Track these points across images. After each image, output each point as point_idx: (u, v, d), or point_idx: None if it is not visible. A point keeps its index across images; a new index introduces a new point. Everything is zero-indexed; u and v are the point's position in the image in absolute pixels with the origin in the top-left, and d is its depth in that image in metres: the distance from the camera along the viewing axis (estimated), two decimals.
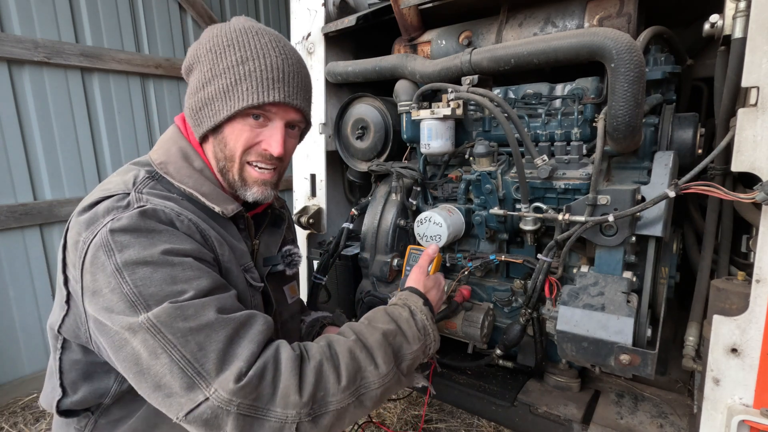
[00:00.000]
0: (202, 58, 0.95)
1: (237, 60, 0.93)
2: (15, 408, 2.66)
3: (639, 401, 1.48)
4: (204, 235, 0.91)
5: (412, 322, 1.01)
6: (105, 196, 0.88)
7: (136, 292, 0.78)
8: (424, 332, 1.01)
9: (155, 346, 0.76)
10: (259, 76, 0.93)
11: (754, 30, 1.00)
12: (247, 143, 0.97)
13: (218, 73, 0.93)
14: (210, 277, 0.84)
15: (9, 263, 2.70)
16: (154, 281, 0.78)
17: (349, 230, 1.77)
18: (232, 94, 0.93)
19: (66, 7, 2.82)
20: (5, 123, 2.60)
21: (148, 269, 0.79)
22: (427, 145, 1.51)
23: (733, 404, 1.07)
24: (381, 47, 1.89)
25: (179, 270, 0.80)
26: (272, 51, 0.95)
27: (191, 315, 0.77)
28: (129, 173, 0.95)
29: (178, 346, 0.76)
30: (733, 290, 1.10)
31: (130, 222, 0.81)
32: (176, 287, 0.79)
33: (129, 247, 0.79)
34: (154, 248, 0.80)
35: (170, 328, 0.76)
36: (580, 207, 1.23)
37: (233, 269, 0.95)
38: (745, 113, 1.01)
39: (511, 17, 1.55)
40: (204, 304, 0.79)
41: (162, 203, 0.87)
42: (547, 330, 1.36)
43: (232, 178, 1.01)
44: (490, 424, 2.34)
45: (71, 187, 2.92)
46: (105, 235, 0.80)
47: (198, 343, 0.77)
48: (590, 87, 1.36)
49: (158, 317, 0.76)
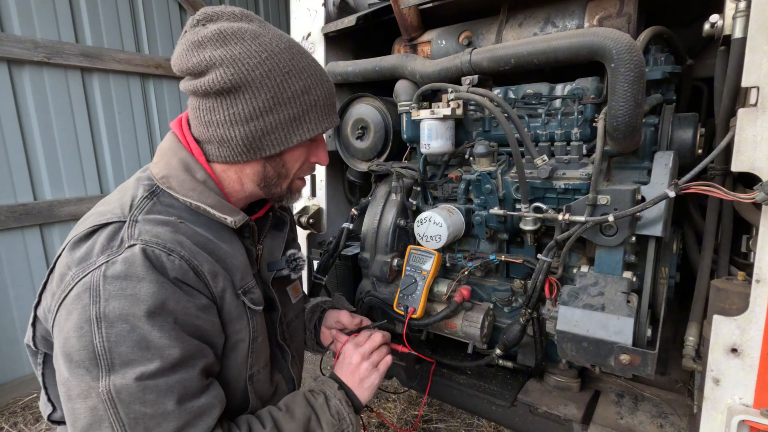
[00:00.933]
0: (257, 83, 0.89)
1: (302, 89, 0.94)
2: (15, 408, 2.66)
3: (639, 401, 1.48)
4: (197, 271, 0.89)
5: (326, 408, 1.04)
6: (100, 223, 0.87)
7: (107, 347, 0.77)
8: (338, 417, 1.04)
9: (103, 418, 0.77)
10: (323, 104, 0.98)
11: (754, 30, 1.00)
12: (303, 162, 1.04)
13: (284, 101, 0.92)
14: (181, 347, 0.83)
15: (9, 263, 2.70)
16: (127, 341, 0.78)
17: (349, 230, 1.77)
18: (300, 122, 0.95)
19: (66, 7, 2.82)
20: (5, 123, 2.60)
21: (126, 327, 0.78)
22: (427, 145, 1.51)
23: (733, 404, 1.07)
24: (381, 47, 1.89)
25: (156, 335, 0.79)
26: (323, 76, 0.99)
27: (150, 401, 0.78)
28: (128, 193, 0.94)
29: (126, 426, 0.77)
30: (733, 290, 1.10)
31: (123, 268, 0.80)
32: (147, 353, 0.78)
33: (115, 298, 0.78)
34: (138, 306, 0.79)
35: (126, 409, 0.77)
36: (580, 207, 1.23)
37: (227, 298, 0.95)
38: (745, 113, 1.01)
39: (511, 17, 1.56)
40: (168, 389, 0.80)
41: (155, 236, 0.85)
42: (547, 330, 1.36)
43: (279, 191, 1.06)
44: (490, 424, 2.34)
45: (71, 187, 2.92)
46: (97, 279, 0.79)
47: (146, 428, 0.78)
48: (590, 87, 1.36)
49: (119, 393, 0.76)
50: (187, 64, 0.89)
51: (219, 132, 0.93)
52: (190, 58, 0.89)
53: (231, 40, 0.88)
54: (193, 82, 0.91)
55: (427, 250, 1.48)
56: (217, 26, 0.90)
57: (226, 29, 0.89)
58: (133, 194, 0.93)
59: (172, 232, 0.88)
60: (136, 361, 0.78)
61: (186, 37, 0.91)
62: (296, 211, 2.01)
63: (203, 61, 0.87)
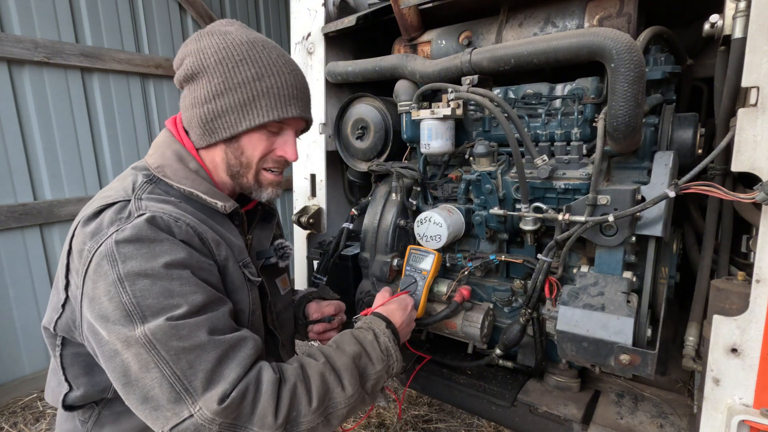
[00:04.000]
0: (211, 69, 0.98)
1: (253, 76, 0.99)
2: (15, 408, 2.66)
3: (639, 401, 1.48)
4: (201, 238, 0.95)
5: (376, 344, 1.07)
6: (107, 203, 0.92)
7: (134, 302, 0.82)
8: (387, 353, 1.07)
9: (148, 360, 0.81)
10: (276, 93, 1.01)
11: (754, 30, 1.00)
12: (264, 152, 1.06)
13: (233, 86, 0.98)
14: (204, 293, 0.88)
15: (9, 263, 2.69)
16: (152, 293, 0.83)
17: (349, 230, 1.77)
18: (250, 108, 1.00)
19: (66, 7, 2.82)
20: (5, 123, 2.60)
21: (147, 281, 0.83)
22: (427, 145, 1.51)
23: (733, 404, 1.07)
24: (381, 47, 1.89)
25: (177, 284, 0.85)
26: (283, 67, 1.02)
27: (185, 335, 0.82)
28: (128, 178, 1.01)
29: (171, 363, 0.81)
30: (733, 290, 1.10)
31: (133, 232, 0.85)
32: (172, 301, 0.84)
33: (132, 258, 0.84)
34: (155, 261, 0.84)
35: (165, 346, 0.81)
36: (580, 207, 1.23)
37: (230, 266, 1.01)
38: (745, 113, 1.01)
39: (511, 17, 1.56)
40: (198, 324, 0.84)
41: (161, 208, 0.92)
42: (547, 330, 1.36)
43: (246, 182, 1.09)
44: (490, 424, 2.34)
45: (71, 187, 2.92)
46: (110, 246, 0.84)
47: (189, 362, 0.82)
48: (590, 87, 1.36)
49: (155, 334, 0.81)
50: (175, 61, 1.04)
51: (186, 115, 1.04)
52: (177, 55, 1.04)
53: (204, 37, 1.01)
54: (176, 74, 1.04)
55: (427, 250, 1.48)
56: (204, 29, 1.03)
57: (206, 30, 1.03)
58: (134, 179, 0.99)
59: (175, 207, 0.95)
60: (164, 308, 0.83)
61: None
62: (296, 211, 2.01)
63: (181, 55, 1.02)
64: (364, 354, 1.03)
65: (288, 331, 1.34)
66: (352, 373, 0.98)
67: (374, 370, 1.03)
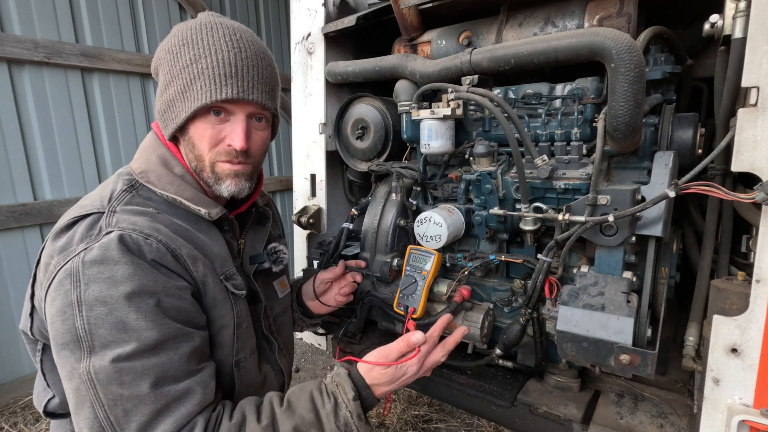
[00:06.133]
0: (163, 59, 0.97)
1: (191, 59, 0.92)
2: (15, 408, 2.66)
3: (639, 401, 1.48)
4: (175, 255, 0.90)
5: (332, 417, 0.93)
6: (80, 215, 0.90)
7: (87, 329, 0.80)
8: (344, 430, 0.93)
9: (85, 398, 0.81)
10: (210, 73, 0.92)
11: (754, 30, 1.00)
12: (211, 141, 0.97)
13: (176, 74, 0.94)
14: (161, 330, 0.83)
15: (9, 263, 2.70)
16: (106, 323, 0.80)
17: (349, 230, 1.77)
18: (188, 94, 0.93)
19: (66, 7, 2.82)
20: (5, 123, 2.60)
21: (104, 309, 0.80)
22: (427, 145, 1.51)
23: (733, 404, 1.07)
24: (381, 47, 1.89)
25: (133, 317, 0.81)
26: (224, 45, 0.93)
27: (127, 382, 0.80)
28: (108, 187, 0.97)
29: (106, 407, 0.80)
30: (733, 290, 1.10)
31: (99, 252, 0.82)
32: (124, 335, 0.81)
33: (94, 282, 0.81)
34: (115, 288, 0.81)
35: (105, 389, 0.80)
36: (580, 207, 1.23)
37: (209, 282, 0.96)
38: (745, 113, 1.01)
39: (511, 17, 1.55)
40: (144, 371, 0.81)
41: (132, 223, 0.87)
42: (547, 330, 1.36)
43: (206, 177, 1.00)
44: (490, 424, 2.34)
45: (71, 187, 2.92)
46: (77, 265, 0.82)
47: (125, 410, 0.80)
48: (590, 87, 1.36)
49: (97, 374, 0.80)
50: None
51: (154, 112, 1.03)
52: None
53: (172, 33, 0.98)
54: None
55: (427, 250, 1.48)
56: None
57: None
58: (113, 188, 0.96)
59: (150, 220, 0.90)
60: (114, 342, 0.80)
61: None
62: (296, 211, 2.01)
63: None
64: (315, 425, 0.91)
65: (286, 333, 1.32)
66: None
67: None
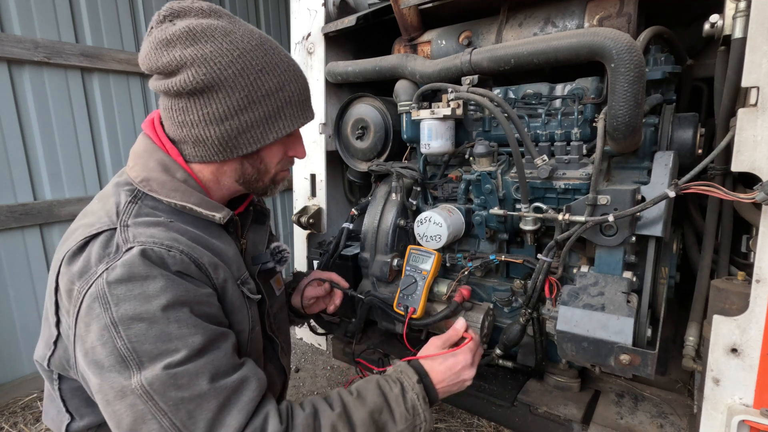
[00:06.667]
0: (230, 80, 0.87)
1: (276, 86, 0.93)
2: (15, 408, 2.66)
3: (639, 401, 1.48)
4: (198, 264, 0.89)
5: (401, 401, 0.96)
6: (91, 234, 0.85)
7: (130, 347, 0.78)
8: (413, 412, 0.97)
9: (144, 412, 0.77)
10: (297, 100, 0.97)
11: (754, 30, 1.00)
12: (282, 157, 1.05)
13: (258, 99, 0.91)
14: (204, 333, 0.83)
15: (9, 263, 2.69)
16: (148, 338, 0.78)
17: (349, 230, 1.77)
18: (276, 119, 0.95)
19: (66, 7, 2.82)
20: (5, 123, 2.59)
21: (143, 325, 0.78)
22: (427, 145, 1.51)
23: (733, 404, 1.07)
24: (381, 47, 1.89)
25: (174, 327, 0.80)
26: (296, 70, 0.99)
27: (184, 384, 0.78)
28: (110, 199, 0.92)
29: (169, 414, 0.77)
30: (733, 290, 1.10)
31: (124, 270, 0.79)
32: (170, 345, 0.79)
33: (125, 300, 0.78)
34: (149, 303, 0.79)
35: (163, 397, 0.77)
36: (580, 207, 1.23)
37: (229, 288, 0.95)
38: (745, 113, 1.01)
39: (511, 17, 1.55)
40: (197, 371, 0.80)
41: (150, 236, 0.84)
42: (547, 330, 1.36)
43: (261, 185, 1.07)
44: (490, 424, 2.34)
45: (71, 187, 2.92)
46: (101, 287, 0.79)
47: (188, 412, 0.78)
48: (590, 87, 1.36)
49: (151, 385, 0.77)
50: (157, 64, 0.87)
51: (194, 132, 0.92)
52: (160, 58, 0.86)
53: (201, 39, 0.86)
54: (164, 81, 0.89)
55: (427, 250, 1.48)
56: (185, 23, 0.87)
57: (195, 27, 0.87)
58: (116, 201, 0.91)
59: (166, 230, 0.87)
60: (161, 354, 0.78)
61: (153, 34, 0.88)
62: (296, 211, 2.01)
63: (173, 60, 0.85)
64: (386, 409, 0.94)
65: (285, 331, 1.32)
66: (367, 429, 0.91)
67: (395, 429, 0.94)
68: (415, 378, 1.01)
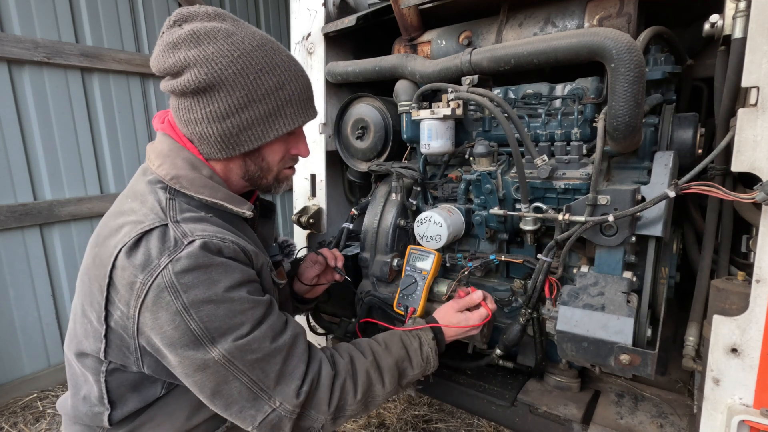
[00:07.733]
0: (230, 81, 0.92)
1: (276, 85, 0.97)
2: (15, 408, 2.66)
3: (639, 401, 1.48)
4: (245, 251, 0.98)
5: (419, 352, 1.17)
6: (143, 230, 0.91)
7: (203, 327, 0.88)
8: (426, 361, 1.18)
9: (227, 375, 0.91)
10: (298, 98, 1.02)
11: (754, 30, 1.00)
12: (284, 154, 1.09)
13: (257, 98, 0.96)
14: (261, 305, 0.96)
15: (9, 263, 2.69)
16: (218, 317, 0.89)
17: (349, 230, 1.77)
18: (275, 118, 0.99)
19: (66, 7, 2.82)
20: (5, 123, 2.60)
21: (212, 306, 0.89)
22: (427, 145, 1.51)
23: (733, 404, 1.07)
24: (381, 47, 1.89)
25: (237, 304, 0.91)
26: (298, 69, 1.02)
27: (256, 348, 0.92)
28: (148, 197, 0.97)
29: (248, 372, 0.92)
30: (733, 290, 1.10)
31: (190, 262, 0.88)
32: (237, 320, 0.91)
33: (193, 287, 0.87)
34: (215, 287, 0.89)
35: (241, 360, 0.91)
36: (580, 207, 1.23)
37: (264, 273, 1.05)
38: (745, 113, 1.01)
39: (511, 17, 1.55)
40: (263, 335, 0.94)
41: (203, 230, 0.93)
42: (547, 330, 1.36)
43: (265, 183, 1.12)
44: (490, 424, 2.34)
45: (71, 187, 2.92)
46: (169, 278, 0.87)
47: (262, 369, 0.93)
48: (590, 87, 1.36)
49: (231, 353, 0.90)
50: (164, 65, 0.94)
51: (198, 130, 0.98)
52: (167, 59, 0.93)
53: (204, 40, 0.92)
54: (171, 82, 0.95)
55: (427, 250, 1.48)
56: (191, 26, 0.93)
57: (199, 29, 0.93)
58: (156, 198, 0.96)
59: (210, 225, 0.96)
60: (230, 329, 0.90)
61: (163, 38, 0.95)
62: (296, 211, 2.01)
63: (178, 61, 0.92)
64: (406, 359, 1.15)
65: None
66: (392, 373, 1.11)
67: (412, 373, 1.15)
68: (431, 335, 1.22)
